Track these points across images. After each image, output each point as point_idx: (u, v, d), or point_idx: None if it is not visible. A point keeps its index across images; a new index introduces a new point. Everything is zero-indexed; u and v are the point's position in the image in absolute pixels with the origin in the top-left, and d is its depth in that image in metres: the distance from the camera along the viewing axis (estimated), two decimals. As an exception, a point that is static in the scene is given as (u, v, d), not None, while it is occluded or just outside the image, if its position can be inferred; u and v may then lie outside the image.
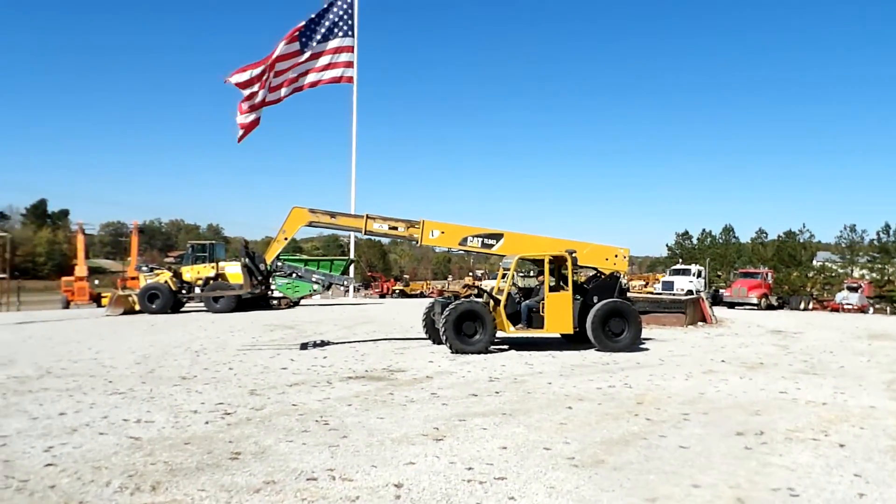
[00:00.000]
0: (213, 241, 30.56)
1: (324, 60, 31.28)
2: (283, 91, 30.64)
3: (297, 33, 30.36)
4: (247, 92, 29.25)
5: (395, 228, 13.49)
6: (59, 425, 6.35)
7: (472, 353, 11.87)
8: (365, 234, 13.68)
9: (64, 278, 34.63)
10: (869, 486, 4.77)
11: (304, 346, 12.77)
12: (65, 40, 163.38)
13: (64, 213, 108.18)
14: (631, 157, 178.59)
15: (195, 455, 5.34)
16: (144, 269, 28.19)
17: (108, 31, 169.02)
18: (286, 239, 13.03)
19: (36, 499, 4.37)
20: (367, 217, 13.38)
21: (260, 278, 13.01)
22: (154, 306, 21.72)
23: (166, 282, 22.50)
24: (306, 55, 30.65)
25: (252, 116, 30.16)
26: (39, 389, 8.28)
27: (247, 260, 12.74)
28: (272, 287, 25.88)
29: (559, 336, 13.61)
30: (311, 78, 31.21)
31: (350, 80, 32.65)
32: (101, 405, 7.32)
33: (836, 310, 35.98)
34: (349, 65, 32.35)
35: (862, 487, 4.75)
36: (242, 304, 22.76)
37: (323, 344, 13.24)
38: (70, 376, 9.30)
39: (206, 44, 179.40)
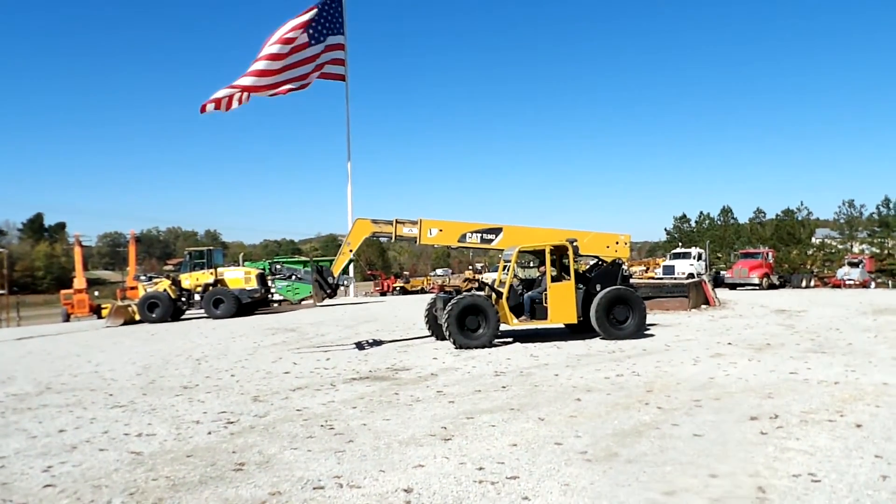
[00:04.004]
0: (211, 248, 30.39)
1: (320, 58, 30.89)
2: (286, 84, 29.61)
3: (305, 26, 29.60)
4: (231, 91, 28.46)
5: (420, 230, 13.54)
6: (58, 443, 6.21)
7: (477, 347, 11.74)
8: (395, 239, 13.75)
9: (63, 291, 34.51)
10: (891, 468, 4.63)
11: (359, 346, 12.85)
12: (58, 56, 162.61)
13: (61, 227, 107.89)
14: (626, 143, 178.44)
15: (198, 468, 5.20)
16: (143, 278, 28.04)
17: (100, 46, 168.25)
18: (351, 251, 13.46)
19: (35, 522, 4.23)
20: (396, 222, 13.46)
21: (329, 291, 13.35)
22: (154, 315, 21.56)
23: (165, 290, 22.33)
24: (312, 51, 29.97)
25: (229, 92, 28.61)
26: (39, 406, 8.13)
27: (316, 275, 13.15)
28: (272, 290, 25.80)
29: (563, 326, 13.47)
30: (309, 77, 30.69)
31: (342, 77, 32.44)
32: (101, 420, 7.18)
33: (837, 286, 35.91)
34: (340, 62, 32.14)
35: (884, 469, 4.62)
36: (242, 309, 22.61)
37: (377, 343, 13.29)
38: (70, 391, 9.15)
39: (200, 53, 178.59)
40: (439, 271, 65.48)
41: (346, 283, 27.08)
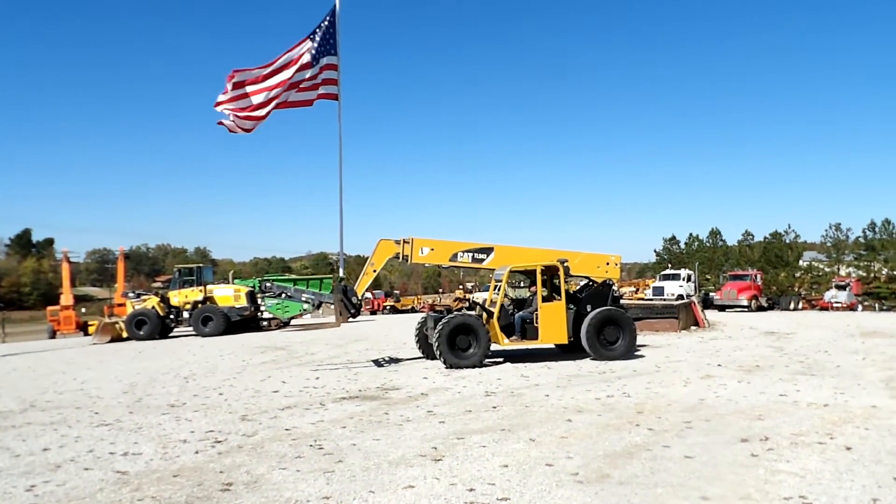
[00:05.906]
0: (201, 265, 30.20)
1: (315, 79, 30.88)
2: (281, 97, 29.18)
3: (308, 46, 29.42)
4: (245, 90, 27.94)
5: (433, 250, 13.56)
6: (42, 462, 6.10)
7: (467, 367, 11.70)
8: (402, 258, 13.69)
9: (50, 308, 34.18)
10: (882, 491, 4.64)
11: (378, 364, 12.88)
12: (46, 71, 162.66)
13: (49, 242, 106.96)
14: (616, 165, 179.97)
15: (184, 488, 5.13)
16: (132, 295, 27.80)
17: (90, 59, 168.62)
18: (375, 271, 13.50)
19: (16, 543, 4.14)
20: (403, 241, 13.48)
21: (353, 311, 13.29)
22: (142, 332, 21.38)
23: (154, 307, 22.17)
24: (310, 70, 29.84)
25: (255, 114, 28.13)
26: (23, 424, 8.01)
27: (341, 295, 13.13)
28: (262, 308, 25.62)
29: (554, 346, 13.46)
30: (302, 95, 30.58)
31: (335, 97, 32.59)
32: (86, 438, 7.07)
33: (825, 308, 36.12)
34: (333, 82, 32.29)
35: (874, 492, 4.62)
36: (231, 327, 22.44)
37: (393, 361, 13.30)
38: (55, 409, 9.02)
39: (190, 67, 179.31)
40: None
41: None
